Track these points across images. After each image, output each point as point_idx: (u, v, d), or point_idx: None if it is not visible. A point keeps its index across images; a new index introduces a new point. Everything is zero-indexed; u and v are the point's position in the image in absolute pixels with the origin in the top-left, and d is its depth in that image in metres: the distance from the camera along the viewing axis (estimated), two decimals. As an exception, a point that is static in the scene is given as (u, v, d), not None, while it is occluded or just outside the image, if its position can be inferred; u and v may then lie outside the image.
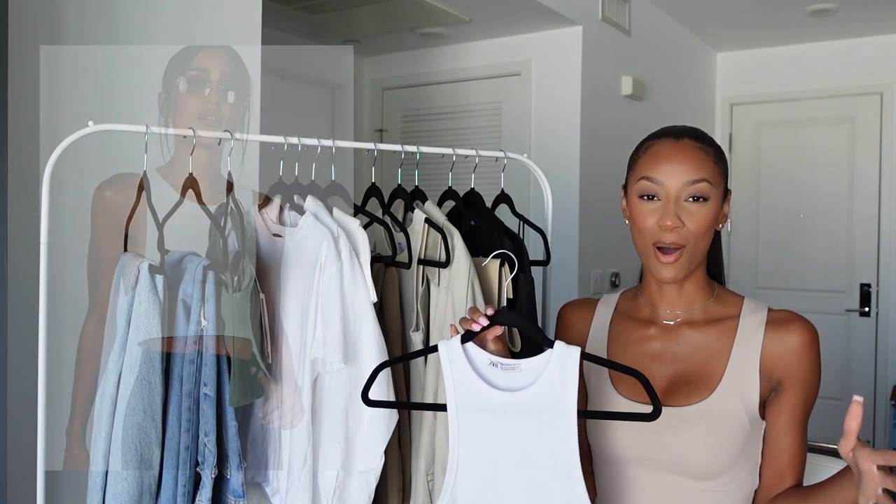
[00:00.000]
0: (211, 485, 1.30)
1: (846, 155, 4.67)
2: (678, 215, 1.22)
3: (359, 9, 3.33)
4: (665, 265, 1.24)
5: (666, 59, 4.24)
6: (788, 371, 1.24)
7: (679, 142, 1.26)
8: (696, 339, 1.29)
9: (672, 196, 1.23)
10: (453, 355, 1.16)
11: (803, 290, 4.73)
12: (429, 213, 1.54)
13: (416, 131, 4.07)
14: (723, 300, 1.33)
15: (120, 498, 1.24)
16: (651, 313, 1.34)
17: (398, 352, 1.53)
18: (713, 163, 1.25)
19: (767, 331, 1.26)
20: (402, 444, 1.52)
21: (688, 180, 1.22)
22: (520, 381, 1.14)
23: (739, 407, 1.23)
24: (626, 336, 1.35)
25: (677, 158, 1.24)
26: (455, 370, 1.15)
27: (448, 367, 1.15)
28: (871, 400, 4.59)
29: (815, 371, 1.26)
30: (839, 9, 4.00)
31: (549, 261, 1.68)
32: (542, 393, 1.12)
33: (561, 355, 1.12)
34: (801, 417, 1.26)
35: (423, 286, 1.52)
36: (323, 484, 1.38)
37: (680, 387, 1.26)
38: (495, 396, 1.14)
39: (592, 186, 3.53)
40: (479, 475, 1.15)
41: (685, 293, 1.31)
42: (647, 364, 1.30)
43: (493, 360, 1.16)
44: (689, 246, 1.23)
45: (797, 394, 1.24)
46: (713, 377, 1.25)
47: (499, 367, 1.15)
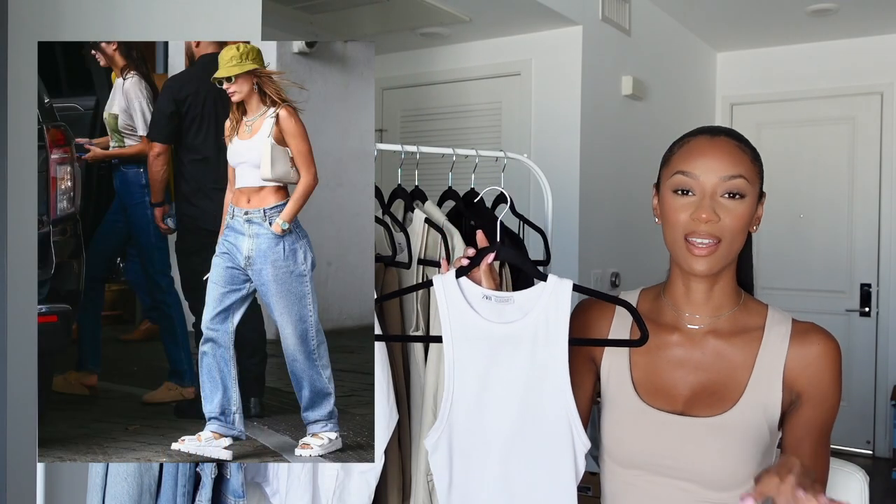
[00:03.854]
0: (211, 485, 1.30)
1: (846, 155, 4.67)
2: (714, 210, 1.19)
3: (359, 9, 3.32)
4: (698, 258, 1.20)
5: (666, 59, 4.24)
6: (808, 384, 1.22)
7: (715, 138, 1.23)
8: (720, 348, 1.27)
9: (708, 191, 1.20)
10: (448, 289, 1.17)
11: (804, 291, 4.73)
12: (429, 213, 1.54)
13: (416, 131, 4.07)
14: (748, 309, 1.30)
15: (120, 498, 1.24)
16: (675, 318, 1.30)
17: (398, 351, 1.53)
18: (750, 161, 1.23)
19: (792, 342, 1.24)
20: (402, 444, 1.52)
21: (725, 175, 1.19)
22: (513, 314, 1.16)
23: (762, 420, 1.22)
24: (650, 341, 1.31)
25: (714, 153, 1.21)
26: (450, 303, 1.17)
27: (444, 300, 1.17)
28: (872, 400, 4.59)
29: (835, 385, 1.23)
30: (839, 9, 4.00)
31: (549, 261, 1.68)
32: (536, 324, 1.14)
33: (554, 288, 1.14)
34: (819, 431, 1.22)
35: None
36: (323, 484, 1.38)
37: (703, 397, 1.25)
38: (489, 328, 1.16)
39: (592, 186, 3.53)
40: (473, 403, 1.18)
41: (713, 297, 1.28)
42: (670, 371, 1.28)
43: (486, 293, 1.17)
44: (724, 240, 1.20)
45: (815, 407, 1.22)
46: (736, 389, 1.23)
47: (493, 300, 1.17)
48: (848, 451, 4.51)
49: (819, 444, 1.22)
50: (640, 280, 1.72)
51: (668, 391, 1.27)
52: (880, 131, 4.57)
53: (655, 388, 1.28)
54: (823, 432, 1.23)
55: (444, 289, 1.18)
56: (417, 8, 3.22)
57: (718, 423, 1.21)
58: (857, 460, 2.38)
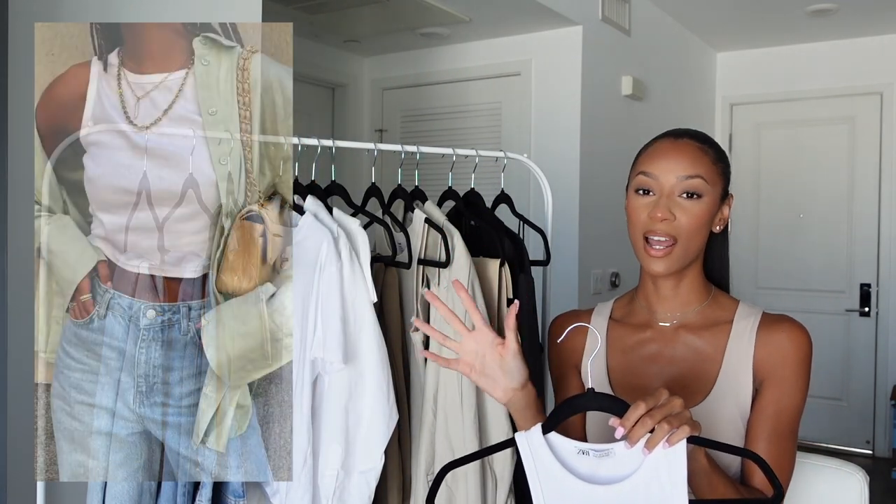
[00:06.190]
0: (211, 485, 1.30)
1: (846, 155, 4.67)
2: (670, 209, 1.22)
3: (359, 9, 3.32)
4: (654, 259, 1.23)
5: (666, 59, 4.24)
6: (772, 368, 1.22)
7: (678, 140, 1.27)
8: (691, 342, 1.29)
9: (666, 190, 1.23)
10: (535, 447, 1.01)
11: (803, 291, 4.73)
12: (429, 213, 1.54)
13: (416, 131, 4.07)
14: (718, 303, 1.32)
15: (120, 498, 1.24)
16: (648, 316, 1.33)
17: (398, 352, 1.53)
18: (711, 162, 1.25)
19: (759, 332, 1.25)
20: (402, 444, 1.52)
21: (682, 175, 1.23)
22: (617, 469, 0.99)
23: (734, 411, 1.22)
24: (624, 341, 1.34)
25: (674, 155, 1.25)
26: (539, 465, 1.00)
27: (531, 463, 1.01)
28: (871, 400, 4.59)
29: (798, 373, 1.22)
30: (839, 9, 4.00)
31: (549, 261, 1.68)
32: (648, 483, 0.96)
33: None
34: (776, 418, 1.20)
35: (423, 286, 1.52)
36: (323, 484, 1.38)
37: (675, 390, 1.24)
38: (590, 492, 0.98)
39: (592, 186, 3.53)
40: None
41: (680, 293, 1.30)
42: (644, 367, 1.30)
43: (581, 447, 1.01)
44: (680, 240, 1.22)
45: (773, 390, 1.21)
46: (707, 381, 1.25)
47: (591, 455, 1.00)
48: (848, 451, 4.50)
49: (776, 432, 1.19)
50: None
51: (644, 388, 1.28)
52: (880, 131, 4.57)
53: (632, 386, 1.30)
54: (782, 420, 1.20)
55: (530, 449, 1.01)
56: (417, 8, 3.22)
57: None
58: (857, 460, 2.38)
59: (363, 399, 1.37)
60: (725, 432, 1.21)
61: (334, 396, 1.38)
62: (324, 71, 4.01)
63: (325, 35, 3.78)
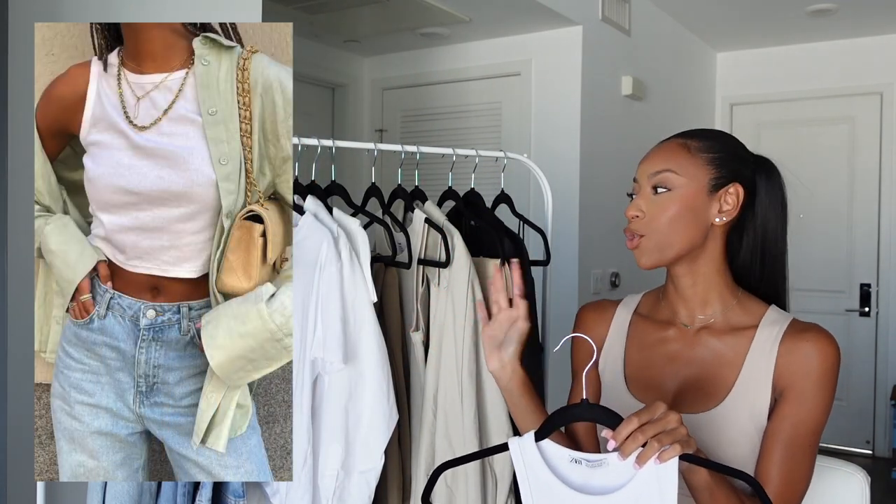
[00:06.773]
0: (211, 485, 1.30)
1: (846, 155, 4.67)
2: (640, 206, 1.24)
3: (359, 9, 3.33)
4: (634, 251, 1.25)
5: (666, 59, 4.24)
6: (791, 380, 1.16)
7: (663, 142, 1.28)
8: (713, 345, 1.25)
9: (641, 190, 1.26)
10: (527, 454, 1.00)
11: (803, 291, 4.73)
12: (429, 213, 1.54)
13: (416, 131, 4.07)
14: (745, 307, 1.27)
15: (120, 498, 1.24)
16: (671, 316, 1.31)
17: (398, 352, 1.53)
18: (689, 153, 1.23)
19: (783, 341, 1.19)
20: (402, 444, 1.52)
21: (651, 172, 1.24)
22: (610, 479, 0.98)
23: (747, 421, 1.17)
24: (645, 338, 1.33)
25: (650, 156, 1.27)
26: (531, 473, 1.00)
27: (523, 471, 1.00)
28: (871, 400, 4.59)
29: (823, 388, 1.15)
30: (839, 9, 4.00)
31: (549, 261, 1.68)
32: (639, 494, 0.96)
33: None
34: (793, 433, 1.15)
35: (423, 286, 1.52)
36: (323, 484, 1.38)
37: (690, 393, 1.24)
38: (580, 501, 0.98)
39: (592, 186, 3.53)
40: None
41: (697, 292, 1.27)
42: (661, 366, 1.28)
43: (574, 456, 1.00)
44: (648, 234, 1.23)
45: (792, 404, 1.15)
46: (723, 387, 1.21)
47: (583, 465, 0.99)
48: (848, 451, 4.50)
49: (791, 447, 1.14)
50: (639, 280, 1.72)
51: (658, 386, 1.27)
52: (880, 131, 4.57)
53: (646, 383, 1.29)
54: (798, 434, 1.14)
55: (522, 456, 1.01)
56: (417, 8, 3.22)
57: (702, 420, 1.20)
58: (857, 460, 2.38)
59: (363, 399, 1.37)
60: (737, 441, 1.18)
61: (334, 396, 1.38)
62: (324, 71, 4.01)
63: (325, 35, 3.78)
